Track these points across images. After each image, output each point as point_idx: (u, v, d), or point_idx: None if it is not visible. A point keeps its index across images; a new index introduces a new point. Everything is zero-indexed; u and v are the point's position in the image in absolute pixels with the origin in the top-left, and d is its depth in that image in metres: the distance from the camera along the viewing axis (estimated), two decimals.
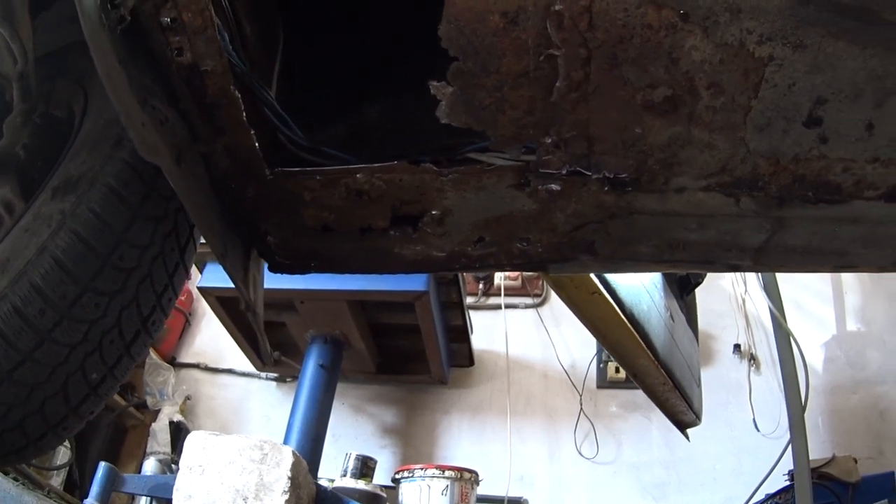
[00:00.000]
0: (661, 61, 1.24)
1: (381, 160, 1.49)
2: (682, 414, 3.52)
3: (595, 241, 1.53)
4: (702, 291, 3.95)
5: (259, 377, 5.12)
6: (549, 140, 1.35)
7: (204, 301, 4.40)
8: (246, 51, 1.71)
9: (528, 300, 5.15)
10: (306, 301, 3.90)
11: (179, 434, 4.59)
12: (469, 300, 4.93)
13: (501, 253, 1.55)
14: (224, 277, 1.62)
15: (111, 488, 3.39)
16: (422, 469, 3.87)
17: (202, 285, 4.08)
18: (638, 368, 2.93)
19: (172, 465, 4.47)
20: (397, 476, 3.94)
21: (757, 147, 1.35)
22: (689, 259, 1.64)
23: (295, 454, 3.35)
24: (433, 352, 4.36)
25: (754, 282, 4.66)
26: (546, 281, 4.31)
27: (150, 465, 4.48)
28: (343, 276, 1.93)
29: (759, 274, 3.90)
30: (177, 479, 3.18)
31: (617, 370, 4.72)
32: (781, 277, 3.85)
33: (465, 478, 3.86)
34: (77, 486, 4.29)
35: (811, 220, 1.48)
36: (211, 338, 5.25)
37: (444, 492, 3.80)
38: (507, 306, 5.08)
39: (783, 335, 3.48)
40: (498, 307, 5.07)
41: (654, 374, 2.97)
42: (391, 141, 1.83)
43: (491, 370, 4.99)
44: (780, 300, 3.58)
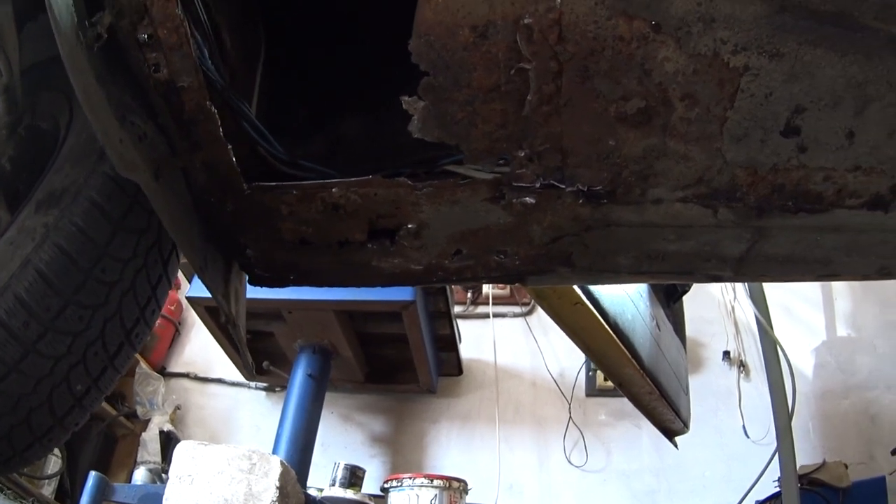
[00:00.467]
0: (634, 73, 1.22)
1: (360, 173, 1.49)
2: (669, 422, 3.52)
3: (573, 253, 1.52)
4: (690, 299, 3.96)
5: (248, 387, 5.13)
6: (523, 153, 1.34)
7: (193, 311, 4.40)
8: (226, 64, 1.71)
9: (517, 309, 5.16)
10: (294, 311, 3.91)
11: (169, 443, 4.58)
12: (457, 309, 4.95)
13: (479, 265, 1.55)
14: None
15: (101, 498, 3.40)
16: (411, 478, 3.87)
17: (191, 295, 4.08)
18: (623, 378, 2.93)
19: (163, 474, 4.45)
20: (386, 485, 3.94)
21: (734, 158, 1.33)
22: (669, 270, 1.62)
23: (283, 464, 3.36)
24: (421, 361, 4.37)
25: (743, 289, 4.67)
26: (528, 292, 4.32)
27: (140, 475, 4.47)
28: None
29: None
30: (166, 488, 3.19)
31: (606, 378, 4.73)
32: (770, 284, 3.86)
33: (453, 487, 3.86)
34: (68, 495, 4.30)
35: (792, 229, 1.46)
36: (200, 347, 5.25)
37: (433, 501, 3.80)
38: (496, 315, 5.11)
39: (769, 343, 3.49)
40: (486, 316, 5.09)
41: (639, 383, 2.97)
42: (370, 154, 1.83)
43: (480, 379, 5.01)
44: (767, 308, 3.59)
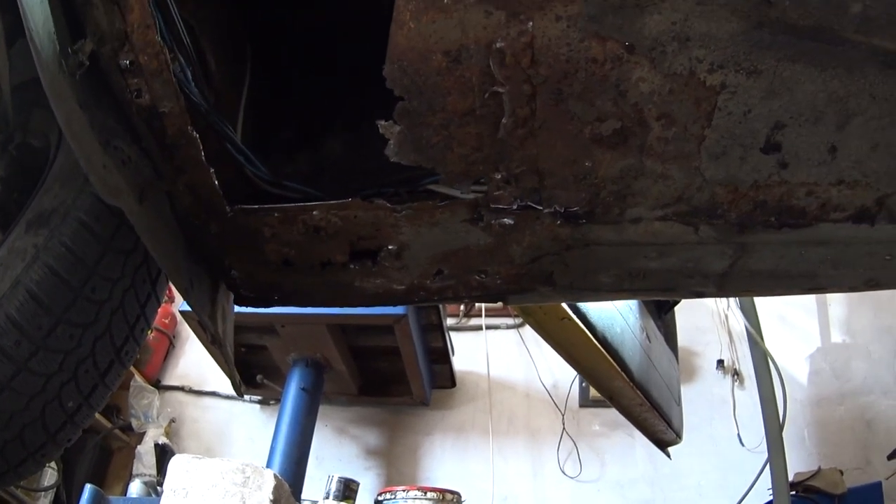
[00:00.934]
0: (609, 94, 1.22)
1: (344, 193, 1.50)
2: (661, 433, 3.53)
3: (553, 272, 1.53)
4: (684, 308, 3.97)
5: (243, 400, 5.14)
6: (499, 175, 1.35)
7: (187, 324, 4.42)
8: (211, 86, 1.73)
9: (510, 321, 5.16)
10: (287, 325, 3.93)
11: (165, 456, 4.59)
12: (450, 321, 4.96)
13: (460, 285, 1.56)
14: None
15: None
16: (404, 491, 3.88)
17: (185, 309, 4.10)
18: (613, 391, 2.94)
19: (158, 487, 4.46)
20: (380, 498, 3.95)
21: (713, 176, 1.33)
22: (651, 287, 1.63)
23: (277, 477, 3.36)
24: (414, 374, 4.39)
25: (735, 299, 4.68)
26: (514, 309, 4.33)
27: (135, 488, 4.47)
28: None
29: None
30: (161, 501, 3.19)
31: None
32: None
33: (447, 499, 3.87)
34: None
35: (776, 244, 1.46)
36: (195, 360, 5.26)
37: None
38: (489, 327, 5.11)
39: (760, 354, 3.50)
40: (479, 328, 5.10)
41: (629, 395, 2.98)
42: (354, 173, 1.84)
43: (473, 391, 5.02)
44: (757, 319, 3.60)
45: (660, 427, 3.44)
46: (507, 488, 4.63)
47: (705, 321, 5.03)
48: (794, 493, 4.04)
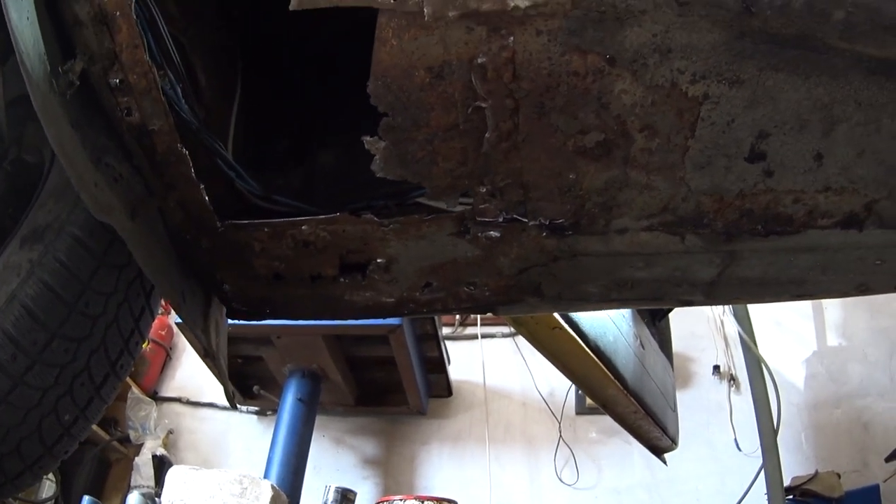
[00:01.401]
0: (591, 107, 1.23)
1: (335, 206, 1.52)
2: (656, 439, 3.52)
3: (541, 283, 1.54)
4: (679, 315, 3.97)
5: (240, 411, 5.14)
6: (484, 189, 1.36)
7: (183, 336, 4.43)
8: (202, 102, 1.75)
9: (505, 329, 5.15)
10: (282, 336, 3.95)
11: (162, 468, 4.59)
12: (446, 331, 4.97)
13: (449, 297, 1.57)
14: None
15: None
16: (401, 500, 3.89)
17: (181, 320, 4.10)
18: (607, 399, 2.94)
19: (156, 498, 4.45)
20: None
21: (698, 185, 1.33)
22: (639, 297, 1.63)
23: (274, 488, 3.38)
24: (410, 383, 4.40)
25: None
26: (506, 319, 4.33)
27: (133, 499, 4.45)
28: None
29: None
30: None
31: None
32: None
33: None
34: None
35: (764, 251, 1.46)
36: (191, 372, 5.26)
37: None
38: (484, 336, 5.12)
39: (753, 360, 3.51)
40: (475, 337, 5.11)
41: (624, 403, 2.97)
42: (345, 186, 1.85)
43: (469, 400, 5.02)
44: (751, 326, 3.61)
45: (655, 434, 3.44)
46: (504, 497, 4.63)
47: (701, 327, 5.04)
48: (791, 497, 4.06)
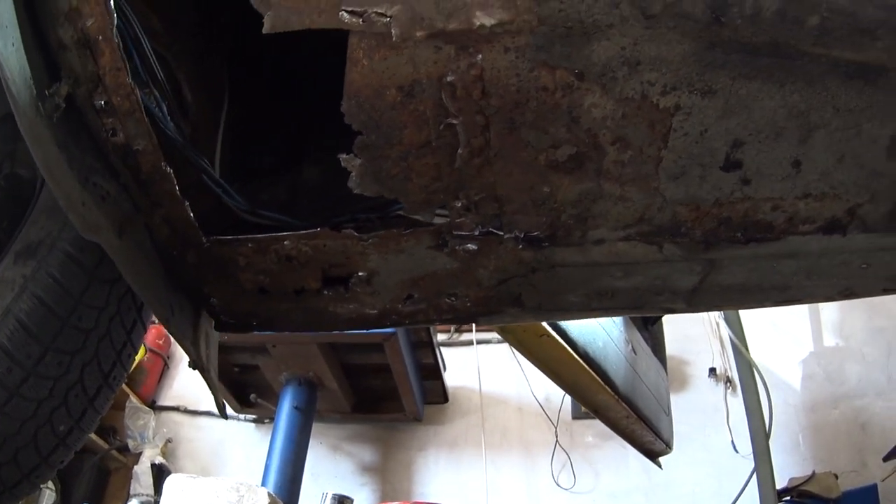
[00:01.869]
0: (562, 121, 1.24)
1: (321, 219, 1.54)
2: (650, 443, 3.54)
3: (521, 294, 1.55)
4: (674, 318, 3.99)
5: (238, 419, 5.16)
6: (459, 203, 1.37)
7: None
8: (188, 118, 1.78)
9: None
10: (278, 344, 3.97)
11: (161, 476, 4.61)
12: (442, 337, 5.00)
13: (431, 309, 1.58)
14: None
15: None
16: None
17: None
18: (598, 405, 2.95)
19: None
20: None
21: (673, 195, 1.34)
22: (620, 306, 1.63)
23: (270, 495, 3.40)
24: (406, 390, 4.43)
25: None
26: (493, 328, 4.32)
27: None
28: None
29: None
30: None
31: None
32: None
33: None
34: None
35: (745, 258, 1.46)
36: (189, 380, 5.27)
37: None
38: (480, 342, 5.13)
39: (745, 364, 3.53)
40: (470, 343, 5.13)
41: (615, 408, 2.99)
42: (330, 199, 1.87)
43: (465, 406, 5.05)
44: (742, 330, 3.63)
45: (648, 438, 3.45)
46: (501, 502, 4.65)
47: (696, 330, 5.05)
48: (788, 498, 4.06)
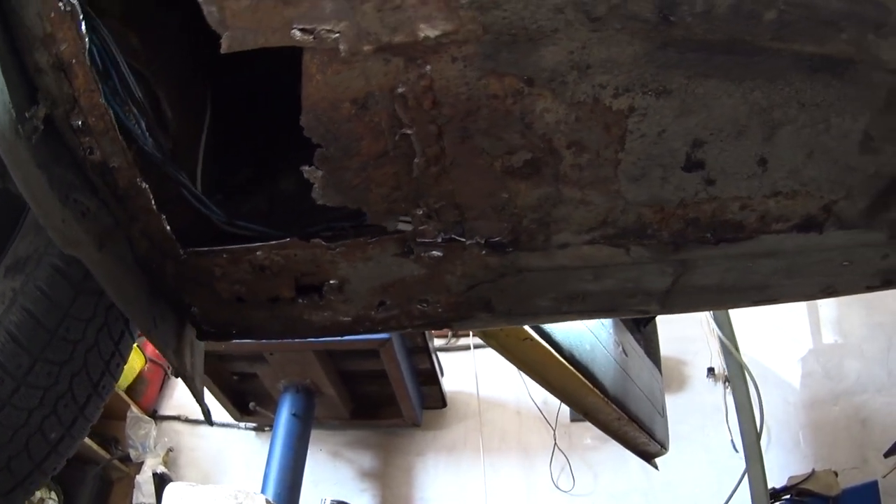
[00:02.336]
0: (515, 127, 1.25)
1: (298, 229, 1.57)
2: (644, 445, 3.53)
3: (491, 299, 1.58)
4: (670, 319, 3.98)
5: (238, 427, 5.20)
6: (421, 211, 1.40)
7: None
8: (168, 133, 1.82)
9: None
10: (275, 352, 4.01)
11: (163, 485, 4.63)
12: (439, 342, 5.03)
13: (403, 315, 1.61)
14: None
15: None
16: None
17: None
18: (587, 407, 2.96)
19: None
20: None
21: (635, 197, 1.34)
22: (592, 309, 1.64)
23: (269, 502, 3.44)
24: (403, 396, 4.46)
25: None
26: (474, 332, 4.29)
27: None
28: None
29: None
30: None
31: None
32: None
33: None
34: None
35: (718, 259, 1.45)
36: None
37: None
38: (477, 346, 5.12)
39: (735, 365, 3.53)
40: (468, 348, 5.14)
41: (605, 410, 2.99)
42: (307, 210, 1.91)
43: (464, 410, 5.07)
44: (732, 331, 3.63)
45: (642, 439, 3.44)
46: None
47: (693, 330, 5.02)
48: (787, 497, 4.06)
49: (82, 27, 1.31)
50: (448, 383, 5.00)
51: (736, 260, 1.46)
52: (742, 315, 4.47)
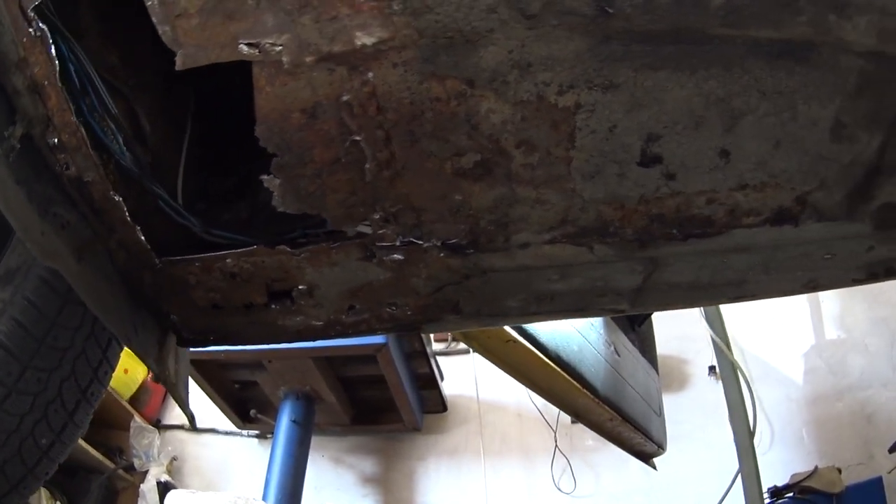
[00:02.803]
0: (461, 129, 1.26)
1: (276, 236, 1.60)
2: (639, 445, 3.52)
3: (459, 301, 1.59)
4: (670, 318, 3.98)
5: (241, 435, 5.23)
6: (378, 216, 1.42)
7: None
8: (147, 147, 1.87)
9: None
10: (273, 360, 4.05)
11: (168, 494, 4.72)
12: (438, 346, 5.05)
13: (373, 318, 1.64)
14: None
15: None
16: None
17: None
18: (578, 409, 2.96)
19: None
20: None
21: (593, 195, 1.32)
22: (562, 308, 1.64)
23: None
24: (402, 400, 4.48)
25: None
26: (455, 334, 4.26)
27: None
28: None
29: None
30: None
31: None
32: None
33: None
34: None
35: (688, 255, 1.43)
36: (193, 398, 5.30)
37: None
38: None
39: (727, 364, 3.54)
40: (467, 351, 5.13)
41: (596, 411, 2.99)
42: (283, 217, 1.95)
43: (464, 414, 5.09)
44: (724, 329, 3.64)
45: (637, 440, 3.43)
46: None
47: (693, 328, 4.95)
48: (790, 494, 4.06)
49: (52, 51, 1.36)
50: (448, 387, 5.02)
51: (708, 256, 1.44)
52: (743, 312, 4.49)
